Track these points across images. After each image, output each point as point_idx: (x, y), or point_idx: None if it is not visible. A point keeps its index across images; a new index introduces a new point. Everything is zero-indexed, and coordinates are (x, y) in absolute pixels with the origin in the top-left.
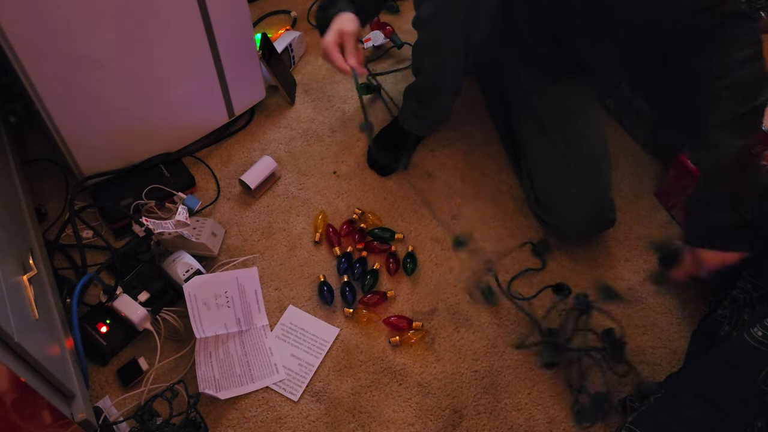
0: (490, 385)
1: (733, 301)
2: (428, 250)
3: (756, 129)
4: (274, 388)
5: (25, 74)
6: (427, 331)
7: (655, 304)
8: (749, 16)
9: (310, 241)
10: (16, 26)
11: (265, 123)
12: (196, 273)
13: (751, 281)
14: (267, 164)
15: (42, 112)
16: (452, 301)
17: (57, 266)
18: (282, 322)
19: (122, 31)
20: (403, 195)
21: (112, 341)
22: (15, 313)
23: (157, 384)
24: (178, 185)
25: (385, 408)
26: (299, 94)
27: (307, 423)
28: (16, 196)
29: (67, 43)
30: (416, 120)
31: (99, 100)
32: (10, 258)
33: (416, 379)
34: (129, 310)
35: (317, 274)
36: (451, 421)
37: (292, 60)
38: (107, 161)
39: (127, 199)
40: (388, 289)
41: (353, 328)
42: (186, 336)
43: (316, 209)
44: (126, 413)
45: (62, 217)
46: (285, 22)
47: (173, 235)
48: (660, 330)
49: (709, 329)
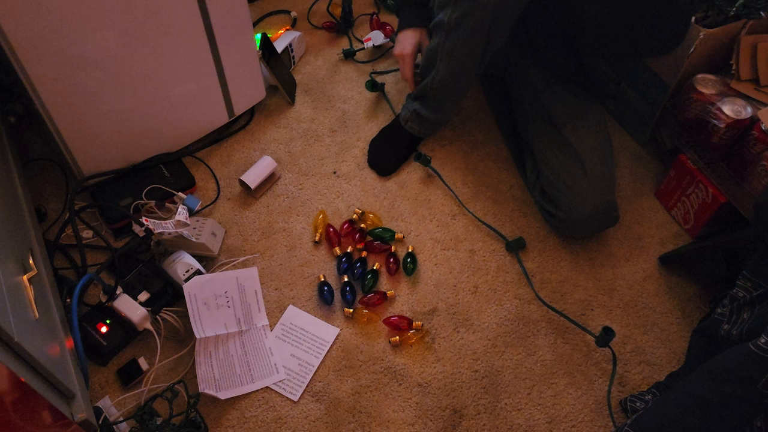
0: (490, 385)
1: (732, 300)
2: (428, 250)
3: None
4: (274, 388)
5: (25, 74)
6: (427, 331)
7: (655, 304)
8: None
9: (310, 241)
10: (16, 26)
11: (265, 123)
12: (196, 273)
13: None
14: (267, 164)
15: (42, 112)
16: (452, 301)
17: (57, 266)
18: (282, 322)
19: (122, 31)
20: (403, 195)
21: (112, 341)
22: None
23: (157, 384)
24: (178, 185)
25: (385, 408)
26: (299, 94)
27: (307, 423)
28: (16, 196)
29: (67, 43)
30: (418, 122)
31: (99, 100)
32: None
33: (416, 379)
34: (129, 310)
35: (317, 274)
36: (451, 421)
37: (292, 60)
38: (107, 161)
39: (127, 199)
40: (388, 289)
41: (353, 328)
42: (186, 336)
43: (316, 209)
44: (126, 413)
45: (62, 217)
46: (285, 22)
47: (173, 235)
48: (660, 330)
49: (709, 328)
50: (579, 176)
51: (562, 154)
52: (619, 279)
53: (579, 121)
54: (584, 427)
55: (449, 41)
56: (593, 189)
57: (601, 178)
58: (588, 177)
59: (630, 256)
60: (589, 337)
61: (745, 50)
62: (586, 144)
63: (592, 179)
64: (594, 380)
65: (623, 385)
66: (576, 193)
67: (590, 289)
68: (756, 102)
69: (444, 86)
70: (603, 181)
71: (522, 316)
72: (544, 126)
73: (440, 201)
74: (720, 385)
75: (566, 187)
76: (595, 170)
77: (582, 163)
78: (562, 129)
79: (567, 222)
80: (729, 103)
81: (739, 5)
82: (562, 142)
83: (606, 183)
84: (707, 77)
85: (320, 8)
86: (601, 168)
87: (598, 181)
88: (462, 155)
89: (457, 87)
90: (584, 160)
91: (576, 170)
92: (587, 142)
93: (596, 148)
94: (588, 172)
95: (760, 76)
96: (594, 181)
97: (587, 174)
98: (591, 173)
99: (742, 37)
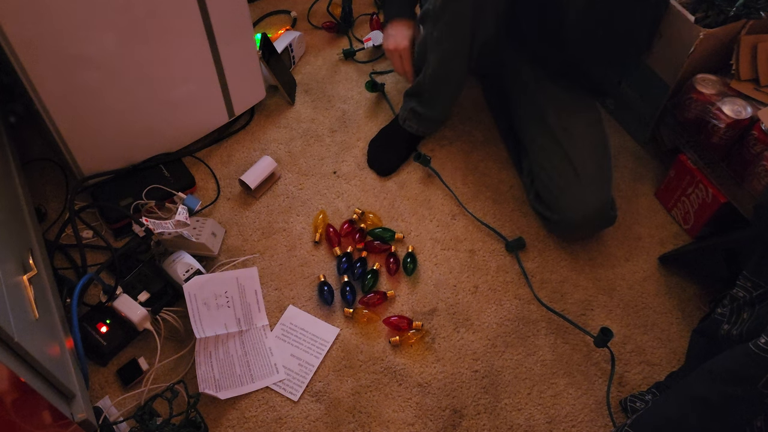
0: (490, 385)
1: (732, 300)
2: (428, 250)
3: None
4: (274, 388)
5: (25, 74)
6: (427, 331)
7: (655, 304)
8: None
9: (310, 241)
10: (16, 26)
11: (265, 123)
12: (196, 273)
13: (750, 279)
14: (267, 164)
15: (42, 112)
16: (452, 301)
17: (57, 266)
18: (282, 322)
19: (122, 31)
20: (403, 195)
21: (112, 341)
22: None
23: (157, 384)
24: (178, 185)
25: (385, 408)
26: (299, 94)
27: (307, 423)
28: (16, 196)
29: (67, 43)
30: (416, 120)
31: (99, 100)
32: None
33: (416, 379)
34: (129, 310)
35: (317, 274)
36: (451, 421)
37: (292, 60)
38: (107, 161)
39: (127, 199)
40: (388, 289)
41: (353, 328)
42: (186, 336)
43: (316, 209)
44: (126, 413)
45: (62, 217)
46: (285, 22)
47: (173, 235)
48: (660, 330)
49: (709, 328)
50: (571, 178)
51: (554, 156)
52: (619, 279)
53: (572, 121)
54: (584, 427)
55: (437, 30)
56: (586, 190)
57: (594, 179)
58: (580, 179)
59: (630, 256)
60: (590, 338)
61: (745, 50)
62: (579, 144)
63: (584, 181)
64: (594, 380)
65: (623, 385)
66: (569, 196)
67: (590, 289)
68: (756, 102)
69: (437, 79)
70: (596, 181)
71: (522, 316)
72: (538, 127)
73: (440, 201)
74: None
75: (558, 189)
76: (587, 171)
77: (573, 164)
78: (555, 129)
79: (562, 224)
80: (729, 103)
81: (739, 5)
82: (554, 144)
83: (600, 183)
84: (707, 77)
85: (320, 8)
86: (594, 169)
87: (590, 182)
88: (462, 155)
89: (450, 79)
90: (576, 162)
91: (568, 172)
92: (580, 142)
93: (589, 149)
94: (580, 173)
95: (760, 76)
96: (586, 183)
97: (579, 176)
98: (583, 174)
99: (742, 37)
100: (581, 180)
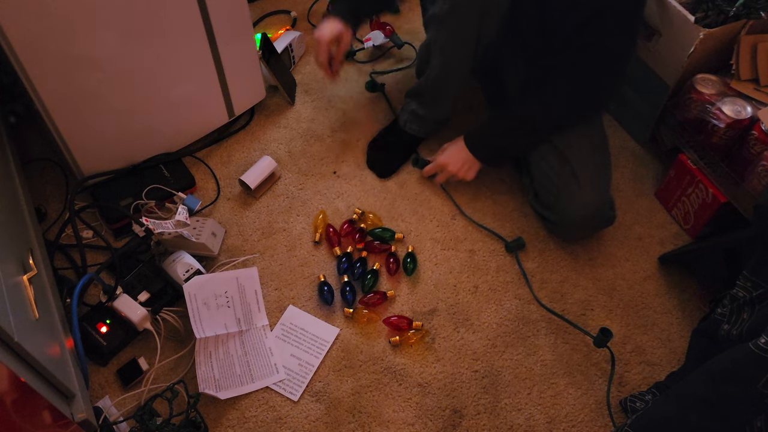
0: (490, 385)
1: (732, 300)
2: (428, 250)
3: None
4: (274, 388)
5: (25, 74)
6: (427, 331)
7: (655, 304)
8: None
9: (310, 241)
10: (16, 26)
11: (265, 123)
12: (196, 273)
13: (750, 279)
14: (267, 164)
15: (42, 112)
16: (452, 301)
17: (57, 266)
18: (282, 322)
19: (122, 31)
20: (403, 195)
21: (112, 341)
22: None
23: (157, 384)
24: (178, 185)
25: (385, 408)
26: (299, 94)
27: (307, 423)
28: (16, 196)
29: (67, 43)
30: (416, 122)
31: (99, 100)
32: (10, 258)
33: (416, 379)
34: (129, 310)
35: (317, 274)
36: (451, 421)
37: (292, 60)
38: (107, 161)
39: (127, 199)
40: (388, 289)
41: (353, 328)
42: (186, 336)
43: (316, 209)
44: (126, 413)
45: (62, 217)
46: (285, 22)
47: (173, 235)
48: (660, 330)
49: (709, 328)
50: (569, 179)
51: (552, 157)
52: (619, 279)
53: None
54: (584, 427)
55: (442, 35)
56: (584, 191)
57: (593, 179)
58: (578, 179)
59: (630, 256)
60: (590, 338)
61: (745, 50)
62: (576, 145)
63: (582, 181)
64: (594, 380)
65: (623, 385)
66: (567, 196)
67: (590, 289)
68: (756, 102)
69: (439, 82)
70: (594, 182)
71: (522, 316)
72: None
73: (440, 201)
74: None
75: (557, 190)
76: (585, 172)
77: (571, 165)
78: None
79: (561, 225)
80: (729, 103)
81: (739, 5)
82: (551, 145)
83: (598, 184)
84: (707, 77)
85: (320, 8)
86: (592, 169)
87: (589, 182)
88: None
89: (452, 81)
90: (574, 162)
91: (566, 173)
92: (577, 142)
93: (588, 149)
94: (578, 174)
95: (760, 76)
96: (585, 183)
97: (577, 176)
98: (581, 175)
99: (742, 37)
100: (580, 180)
